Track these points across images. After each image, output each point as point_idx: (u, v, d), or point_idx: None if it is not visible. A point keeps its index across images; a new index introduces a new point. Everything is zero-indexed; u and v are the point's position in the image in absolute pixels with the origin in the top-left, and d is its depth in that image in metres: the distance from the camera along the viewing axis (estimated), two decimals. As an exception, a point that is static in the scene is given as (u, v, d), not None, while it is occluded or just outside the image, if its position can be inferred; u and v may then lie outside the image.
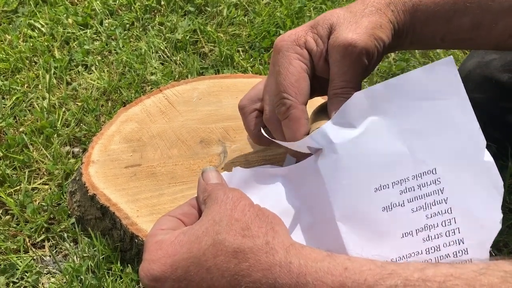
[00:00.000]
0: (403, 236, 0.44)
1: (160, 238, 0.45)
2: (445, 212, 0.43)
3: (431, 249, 0.43)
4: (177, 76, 0.97)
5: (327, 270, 0.39)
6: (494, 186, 0.43)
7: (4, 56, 1.00)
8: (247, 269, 0.40)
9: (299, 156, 0.54)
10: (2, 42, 1.04)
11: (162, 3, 1.13)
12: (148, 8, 1.13)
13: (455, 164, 0.44)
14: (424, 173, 0.44)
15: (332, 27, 0.54)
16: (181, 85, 0.82)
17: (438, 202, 0.44)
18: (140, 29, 1.09)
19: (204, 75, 0.98)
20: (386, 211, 0.44)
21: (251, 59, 1.03)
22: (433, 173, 0.44)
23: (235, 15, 1.12)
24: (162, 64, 1.01)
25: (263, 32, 1.07)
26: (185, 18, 1.11)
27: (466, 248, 0.43)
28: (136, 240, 0.63)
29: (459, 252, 0.43)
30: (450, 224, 0.43)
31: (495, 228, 0.43)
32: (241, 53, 1.05)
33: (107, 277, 0.66)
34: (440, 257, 0.43)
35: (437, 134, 0.44)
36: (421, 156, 0.44)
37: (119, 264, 0.67)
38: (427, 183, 0.44)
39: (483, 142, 0.44)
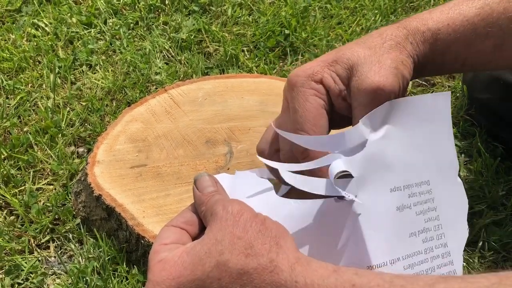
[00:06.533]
0: (410, 236, 0.48)
1: (163, 257, 0.44)
2: (435, 219, 0.50)
3: (428, 249, 0.48)
4: (182, 75, 0.97)
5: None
6: (463, 203, 0.52)
7: (8, 55, 1.00)
8: None
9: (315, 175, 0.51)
10: (6, 42, 1.04)
11: (167, 2, 1.13)
12: (152, 7, 1.12)
13: (438, 180, 0.51)
14: (422, 182, 0.50)
15: (353, 68, 0.51)
16: (186, 84, 0.82)
17: (431, 209, 0.50)
18: (144, 29, 1.08)
19: (209, 75, 0.98)
20: (399, 210, 0.48)
21: (256, 59, 1.02)
22: (427, 184, 0.50)
23: (240, 15, 1.11)
24: (167, 63, 1.01)
25: (268, 32, 1.06)
26: (189, 18, 1.10)
27: (449, 251, 0.49)
28: (142, 241, 0.62)
29: (444, 254, 0.49)
30: (439, 229, 0.50)
31: (465, 237, 0.51)
32: (246, 52, 1.04)
33: (113, 278, 0.65)
34: (433, 257, 0.49)
35: (429, 151, 0.51)
36: (420, 167, 0.50)
37: (125, 265, 0.66)
38: (424, 191, 0.50)
39: (458, 166, 0.52)
